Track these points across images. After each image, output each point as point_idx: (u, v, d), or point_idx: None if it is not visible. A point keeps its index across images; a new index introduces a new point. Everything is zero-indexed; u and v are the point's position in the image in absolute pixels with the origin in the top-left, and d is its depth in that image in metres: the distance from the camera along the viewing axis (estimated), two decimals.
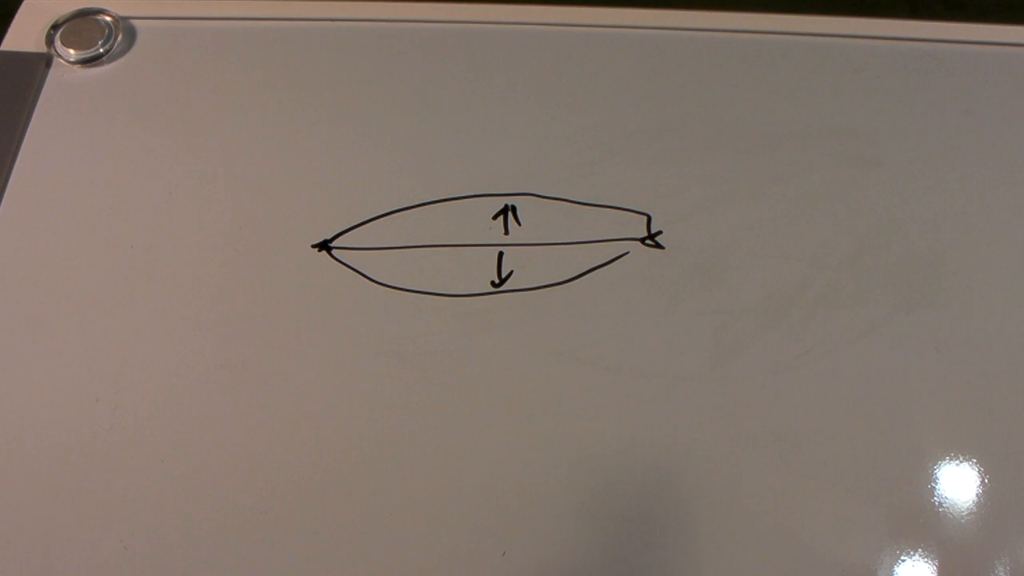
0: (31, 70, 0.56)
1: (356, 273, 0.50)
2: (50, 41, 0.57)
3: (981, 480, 0.45)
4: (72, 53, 0.56)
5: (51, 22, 0.57)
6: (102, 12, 0.58)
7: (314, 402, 0.46)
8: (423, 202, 0.52)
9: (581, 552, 0.43)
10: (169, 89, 0.56)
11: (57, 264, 0.50)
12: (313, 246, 0.51)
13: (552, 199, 0.52)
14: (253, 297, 0.49)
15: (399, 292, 0.49)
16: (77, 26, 0.57)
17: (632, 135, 0.54)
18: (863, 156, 0.54)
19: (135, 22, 0.58)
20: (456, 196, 0.52)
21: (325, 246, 0.51)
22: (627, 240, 0.51)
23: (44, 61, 0.56)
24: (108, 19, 0.58)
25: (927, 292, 0.49)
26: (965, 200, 0.52)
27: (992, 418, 0.46)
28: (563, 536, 0.44)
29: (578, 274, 0.50)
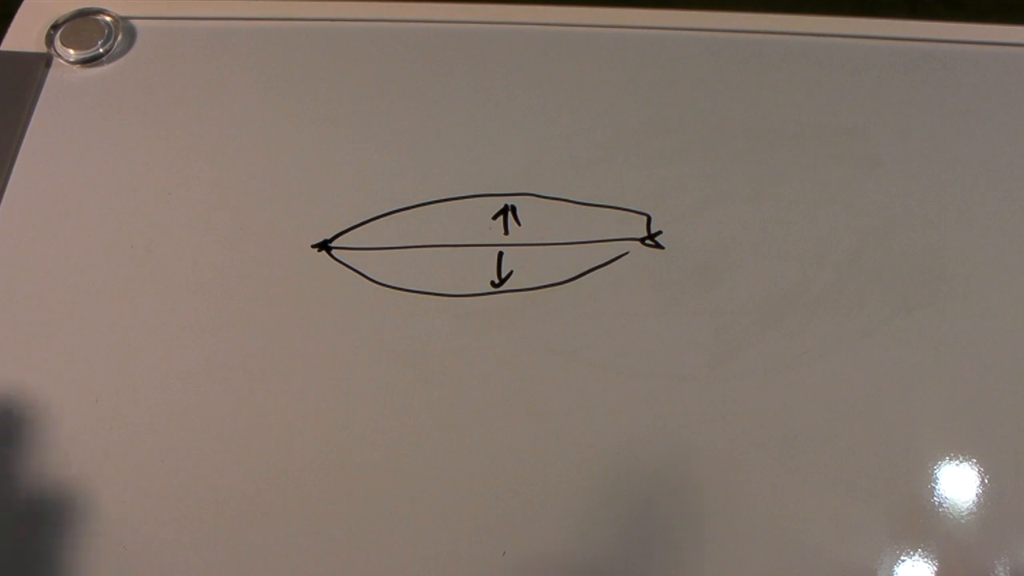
0: (31, 70, 0.56)
1: (356, 273, 0.50)
2: (50, 41, 0.57)
3: (981, 480, 0.45)
4: (72, 53, 0.56)
5: (51, 22, 0.57)
6: (102, 12, 0.58)
7: (314, 402, 0.46)
8: (423, 202, 0.52)
9: (581, 552, 0.43)
10: (169, 89, 0.56)
11: (57, 264, 0.50)
12: (313, 246, 0.51)
13: (552, 199, 0.52)
14: (253, 297, 0.49)
15: (399, 292, 0.49)
16: (77, 26, 0.57)
17: (632, 135, 0.54)
18: (863, 156, 0.54)
19: (135, 22, 0.58)
20: (456, 196, 0.52)
21: (325, 246, 0.51)
22: (627, 240, 0.51)
23: (44, 61, 0.56)
24: (108, 19, 0.57)
25: (927, 292, 0.49)
26: (965, 200, 0.52)
27: (992, 418, 0.46)
28: (563, 536, 0.44)
29: (578, 274, 0.50)
